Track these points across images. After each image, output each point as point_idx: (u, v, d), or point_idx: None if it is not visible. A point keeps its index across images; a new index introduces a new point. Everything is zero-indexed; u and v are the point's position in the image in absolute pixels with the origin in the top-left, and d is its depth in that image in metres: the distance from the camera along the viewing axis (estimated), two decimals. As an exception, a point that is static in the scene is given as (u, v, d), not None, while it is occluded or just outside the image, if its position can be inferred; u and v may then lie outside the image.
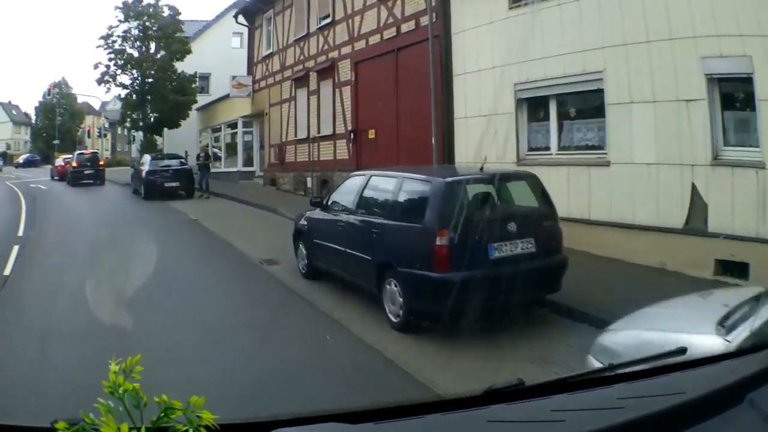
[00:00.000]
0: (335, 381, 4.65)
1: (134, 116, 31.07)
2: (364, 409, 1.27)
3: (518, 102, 10.10)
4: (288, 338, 5.92)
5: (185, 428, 1.02)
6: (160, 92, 29.06)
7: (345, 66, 16.63)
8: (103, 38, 29.58)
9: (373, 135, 15.32)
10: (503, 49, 10.21)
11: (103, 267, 8.46)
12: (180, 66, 29.65)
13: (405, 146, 13.85)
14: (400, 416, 1.28)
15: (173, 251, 10.49)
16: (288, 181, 20.06)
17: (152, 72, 29.47)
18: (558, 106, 9.65)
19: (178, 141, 29.93)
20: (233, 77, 23.76)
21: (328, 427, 1.16)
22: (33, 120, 72.56)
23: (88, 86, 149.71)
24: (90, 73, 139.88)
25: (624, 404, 1.28)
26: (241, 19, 23.95)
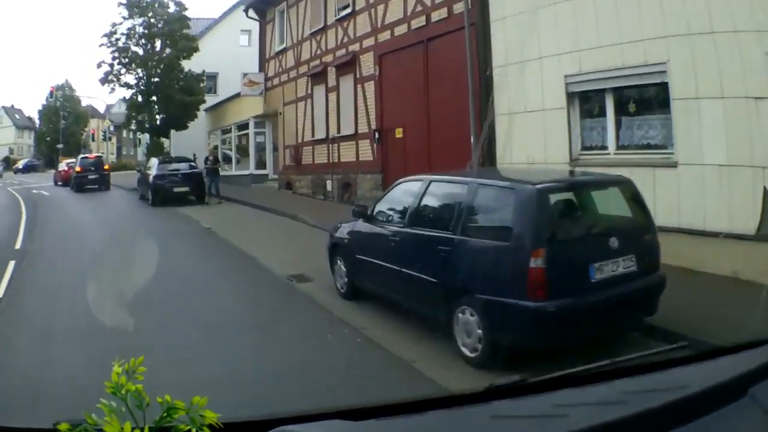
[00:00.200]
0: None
1: (140, 118, 30.09)
2: (366, 406, 1.27)
3: (569, 96, 9.36)
4: (344, 378, 4.70)
5: (188, 428, 1.03)
6: (167, 92, 28.03)
7: (368, 59, 15.54)
8: (107, 36, 28.58)
9: (401, 134, 14.28)
10: (551, 38, 9.50)
11: (112, 288, 7.23)
12: (187, 65, 28.57)
13: (437, 146, 12.82)
14: (403, 413, 1.27)
15: (189, 269, 9.38)
16: (305, 185, 18.95)
17: (158, 71, 28.44)
18: (615, 101, 8.81)
19: (186, 143, 28.70)
20: (244, 74, 22.75)
21: (331, 425, 1.16)
22: (36, 124, 71.67)
23: (92, 89, 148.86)
24: (94, 76, 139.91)
25: (626, 399, 1.28)
26: (252, 14, 22.73)
